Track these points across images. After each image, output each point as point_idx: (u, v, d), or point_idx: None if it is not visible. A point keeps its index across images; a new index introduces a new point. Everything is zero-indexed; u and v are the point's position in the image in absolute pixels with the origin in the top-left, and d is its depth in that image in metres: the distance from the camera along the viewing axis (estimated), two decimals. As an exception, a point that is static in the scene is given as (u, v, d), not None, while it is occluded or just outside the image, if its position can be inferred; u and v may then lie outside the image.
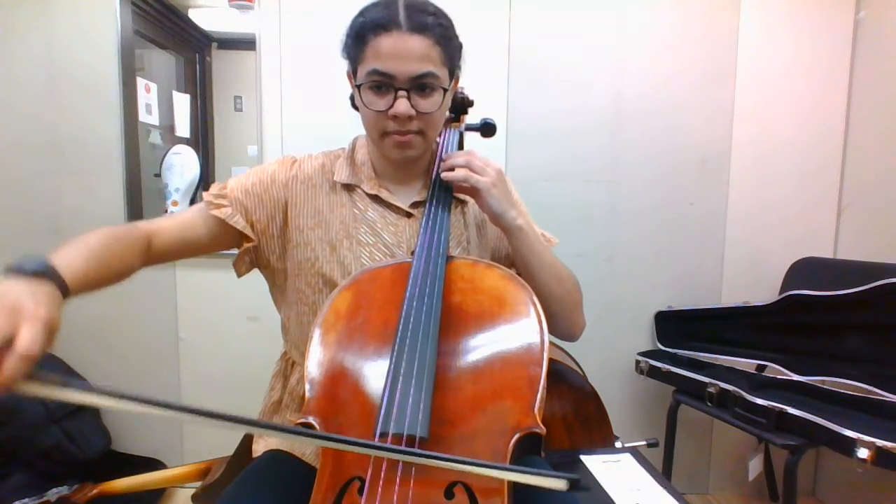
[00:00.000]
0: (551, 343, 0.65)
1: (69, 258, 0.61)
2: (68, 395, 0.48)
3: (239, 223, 0.82)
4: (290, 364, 0.89)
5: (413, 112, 0.75)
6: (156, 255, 0.77)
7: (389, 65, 0.73)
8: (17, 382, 0.46)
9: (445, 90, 0.78)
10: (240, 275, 0.88)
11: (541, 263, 0.81)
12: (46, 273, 0.56)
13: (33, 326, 0.48)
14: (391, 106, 0.75)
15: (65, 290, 0.57)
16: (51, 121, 1.74)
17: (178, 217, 0.82)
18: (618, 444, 1.27)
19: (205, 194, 0.84)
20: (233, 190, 0.84)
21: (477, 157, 0.81)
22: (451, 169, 0.81)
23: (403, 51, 0.73)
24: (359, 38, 0.76)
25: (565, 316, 0.84)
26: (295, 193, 0.84)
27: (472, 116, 0.99)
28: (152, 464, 1.81)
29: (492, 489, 0.55)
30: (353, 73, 0.80)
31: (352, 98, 0.88)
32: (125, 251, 0.71)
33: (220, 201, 0.82)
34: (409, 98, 0.75)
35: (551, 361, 0.63)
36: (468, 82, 0.95)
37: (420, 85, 0.75)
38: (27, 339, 0.46)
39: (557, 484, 0.49)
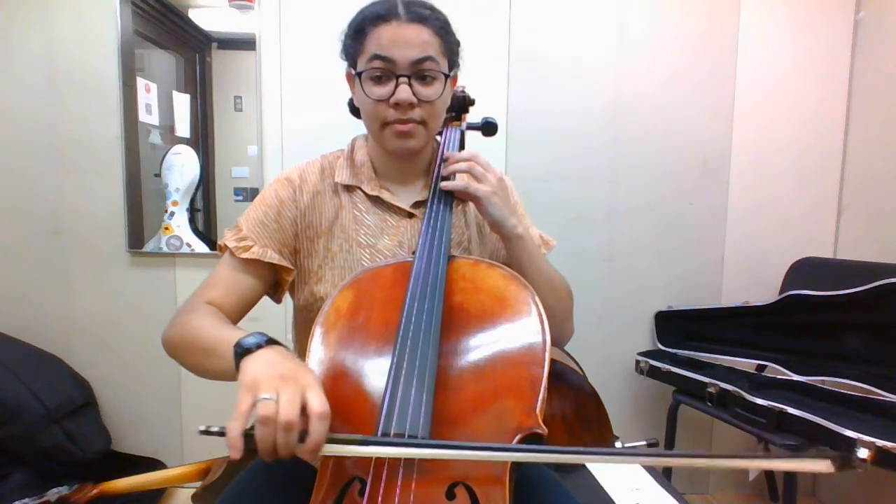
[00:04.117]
0: (551, 343, 0.65)
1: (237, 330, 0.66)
2: (369, 450, 0.54)
3: (273, 258, 0.81)
4: None
5: (414, 99, 0.76)
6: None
7: (390, 51, 0.74)
8: (324, 443, 0.52)
9: (447, 76, 0.78)
10: (280, 302, 0.88)
11: (536, 272, 0.81)
12: (272, 340, 0.61)
13: (316, 389, 0.53)
14: (392, 94, 0.75)
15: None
16: (51, 121, 1.73)
17: (220, 281, 0.80)
18: (618, 445, 1.27)
19: (225, 242, 0.82)
20: (249, 229, 0.82)
21: (479, 161, 0.81)
22: (452, 175, 0.81)
23: (403, 38, 0.74)
24: (358, 31, 0.77)
25: (555, 324, 0.82)
26: (304, 205, 0.84)
27: (473, 116, 0.99)
28: (152, 464, 1.80)
29: (493, 489, 0.55)
30: (352, 68, 0.80)
31: (350, 103, 0.89)
32: None
33: (244, 244, 0.80)
34: (410, 85, 0.75)
35: (552, 362, 0.63)
36: (468, 82, 0.95)
37: (421, 73, 0.76)
38: (319, 402, 0.52)
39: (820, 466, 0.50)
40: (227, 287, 0.80)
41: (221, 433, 0.51)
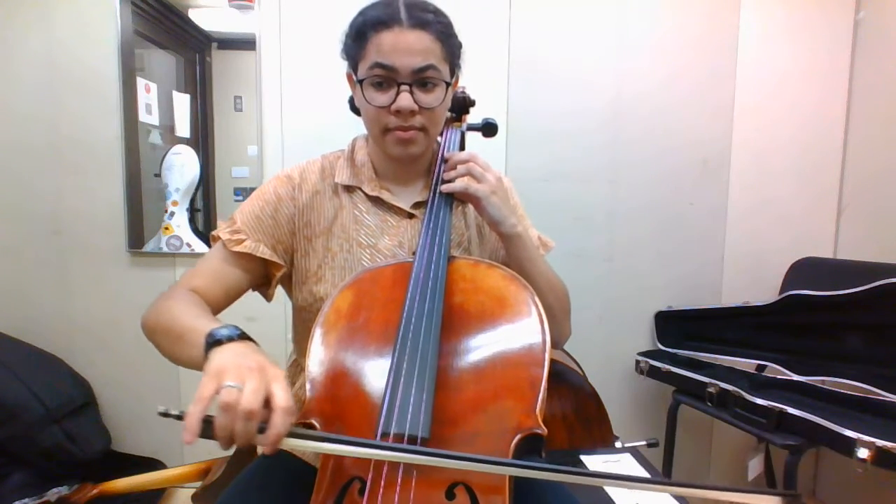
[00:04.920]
0: (551, 343, 0.65)
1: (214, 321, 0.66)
2: (329, 447, 0.53)
3: (265, 253, 0.81)
4: (298, 370, 0.89)
5: (416, 106, 0.75)
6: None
7: (392, 58, 0.74)
8: (284, 436, 0.51)
9: (447, 84, 0.78)
10: (270, 299, 0.88)
11: (536, 271, 0.81)
12: (244, 335, 0.61)
13: (282, 384, 0.53)
14: (394, 101, 0.75)
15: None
16: (51, 121, 1.73)
17: (207, 270, 0.80)
18: (618, 444, 1.27)
19: (218, 233, 0.81)
20: (244, 222, 0.82)
21: (478, 162, 0.81)
22: (451, 179, 0.81)
23: (405, 45, 0.73)
24: (359, 35, 0.76)
25: (553, 324, 0.82)
26: (302, 204, 0.84)
27: (473, 116, 0.99)
28: (152, 464, 1.80)
29: (493, 489, 0.55)
30: (353, 72, 0.80)
31: (350, 100, 0.88)
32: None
33: (237, 237, 0.80)
34: (411, 93, 0.75)
35: (552, 362, 0.63)
36: (468, 82, 0.95)
37: (422, 80, 0.75)
38: (284, 396, 0.52)
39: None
40: (213, 277, 0.80)
41: (180, 417, 0.51)
